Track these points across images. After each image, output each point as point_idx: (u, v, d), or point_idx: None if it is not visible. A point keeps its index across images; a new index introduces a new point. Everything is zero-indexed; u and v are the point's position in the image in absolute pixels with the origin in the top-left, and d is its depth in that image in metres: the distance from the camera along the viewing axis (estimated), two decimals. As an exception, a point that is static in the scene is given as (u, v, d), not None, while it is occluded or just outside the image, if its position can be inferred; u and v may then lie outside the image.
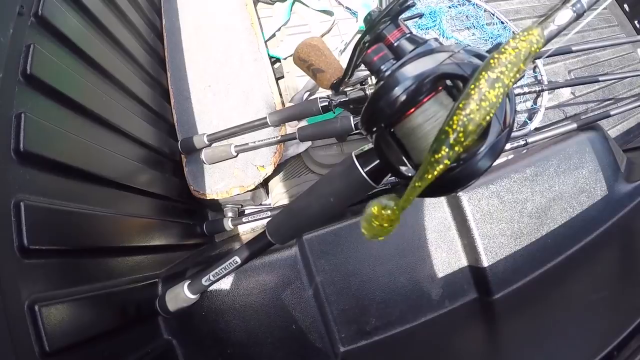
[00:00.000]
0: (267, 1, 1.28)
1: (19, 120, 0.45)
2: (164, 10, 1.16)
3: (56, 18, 0.58)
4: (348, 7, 1.27)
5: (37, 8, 0.54)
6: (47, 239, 0.45)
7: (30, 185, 0.45)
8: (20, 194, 0.43)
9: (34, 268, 0.43)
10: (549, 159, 0.77)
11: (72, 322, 0.45)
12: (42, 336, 0.40)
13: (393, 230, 0.33)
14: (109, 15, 0.80)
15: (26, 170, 0.46)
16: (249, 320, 0.66)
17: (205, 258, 0.78)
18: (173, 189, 0.89)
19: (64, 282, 0.47)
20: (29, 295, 0.41)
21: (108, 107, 0.68)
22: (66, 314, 0.45)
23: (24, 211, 0.42)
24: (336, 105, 0.85)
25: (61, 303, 0.44)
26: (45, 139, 0.49)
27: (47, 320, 0.41)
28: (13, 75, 0.47)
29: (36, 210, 0.44)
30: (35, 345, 0.39)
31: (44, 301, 0.41)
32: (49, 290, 0.44)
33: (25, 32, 0.51)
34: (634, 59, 1.63)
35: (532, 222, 0.73)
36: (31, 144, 0.46)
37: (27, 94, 0.49)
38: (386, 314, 0.68)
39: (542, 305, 0.67)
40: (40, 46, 0.52)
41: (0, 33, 0.47)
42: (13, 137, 0.44)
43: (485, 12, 1.43)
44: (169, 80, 1.05)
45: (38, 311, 0.40)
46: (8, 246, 0.40)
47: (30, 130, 0.46)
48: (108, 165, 0.64)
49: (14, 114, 0.45)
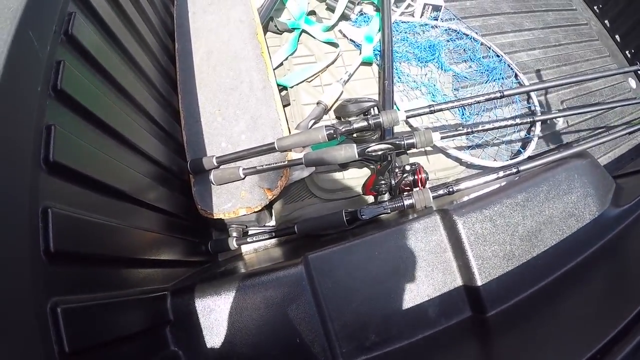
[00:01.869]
0: (276, 31, 1.35)
1: (49, 132, 0.48)
2: (176, 35, 1.21)
3: (84, 37, 0.61)
4: (352, 39, 1.34)
5: (68, 27, 0.58)
6: (70, 245, 0.47)
7: (56, 194, 0.48)
8: (48, 201, 0.45)
9: (57, 271, 0.45)
10: (539, 185, 0.82)
11: (89, 326, 0.47)
12: (63, 337, 0.41)
13: None
14: (128, 37, 0.84)
15: (54, 180, 0.48)
16: (254, 333, 0.69)
17: (213, 275, 0.81)
18: (180, 206, 0.92)
19: (83, 287, 0.49)
20: (52, 297, 0.42)
21: (126, 124, 0.72)
22: (84, 318, 0.47)
23: (51, 217, 0.44)
24: (341, 134, 0.90)
25: (80, 307, 0.46)
26: (72, 151, 0.52)
27: (67, 323, 0.42)
28: (45, 89, 0.50)
29: (62, 218, 0.46)
30: (55, 345, 0.41)
31: (65, 304, 0.43)
32: (70, 294, 0.46)
33: (57, 49, 0.55)
34: (625, 88, 1.69)
35: (524, 244, 0.77)
36: (59, 155, 0.48)
37: (56, 108, 0.52)
38: (385, 330, 0.71)
39: (533, 321, 0.69)
40: (69, 63, 0.55)
41: (40, 49, 0.50)
42: (43, 147, 0.47)
43: (482, 45, 1.51)
44: (180, 103, 1.10)
45: (60, 313, 0.42)
46: (35, 249, 0.42)
47: (58, 142, 0.49)
48: (125, 179, 0.67)
49: (44, 125, 0.48)
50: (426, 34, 1.47)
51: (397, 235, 0.75)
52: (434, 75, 1.33)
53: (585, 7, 1.96)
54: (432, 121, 1.24)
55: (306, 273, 0.72)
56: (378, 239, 0.75)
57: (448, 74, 1.36)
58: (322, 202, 1.05)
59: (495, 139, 1.29)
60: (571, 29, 1.83)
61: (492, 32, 1.64)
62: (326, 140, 0.89)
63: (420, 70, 1.35)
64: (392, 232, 0.76)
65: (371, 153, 0.87)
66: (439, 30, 1.50)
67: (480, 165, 1.20)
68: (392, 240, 0.75)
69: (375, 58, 1.30)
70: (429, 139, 0.86)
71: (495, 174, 0.89)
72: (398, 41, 1.40)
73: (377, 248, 0.74)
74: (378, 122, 0.89)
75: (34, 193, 0.44)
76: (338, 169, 1.06)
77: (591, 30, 1.87)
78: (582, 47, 1.77)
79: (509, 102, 1.39)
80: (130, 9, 0.88)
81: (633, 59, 1.77)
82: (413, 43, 1.40)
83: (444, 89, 1.31)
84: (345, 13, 1.40)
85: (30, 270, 0.41)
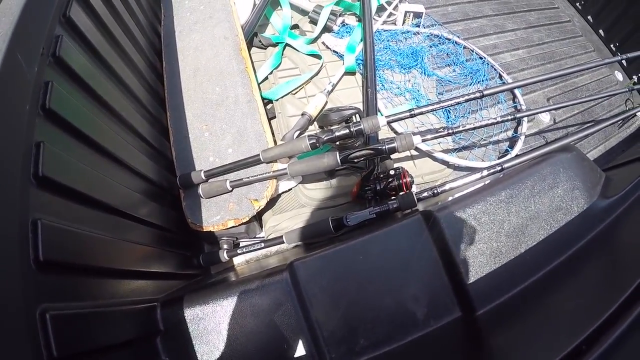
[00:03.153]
0: (260, 46, 1.38)
1: (39, 149, 0.51)
2: (164, 54, 1.25)
3: (71, 59, 0.65)
4: (335, 50, 1.36)
5: (55, 49, 0.62)
6: (59, 255, 0.50)
7: (46, 207, 0.51)
8: (38, 214, 0.48)
9: (47, 280, 0.47)
10: (524, 181, 0.81)
11: (78, 333, 0.49)
12: (51, 342, 0.43)
13: None
14: (115, 57, 0.88)
15: (43, 194, 0.51)
16: (243, 341, 0.69)
17: (202, 286, 0.81)
18: (171, 220, 0.94)
19: (72, 295, 0.52)
20: (41, 304, 0.44)
21: (115, 142, 0.75)
22: (73, 325, 0.49)
23: (40, 228, 0.47)
24: (323, 142, 0.91)
25: (69, 314, 0.48)
26: (60, 167, 0.55)
27: (56, 328, 0.44)
28: (34, 108, 0.53)
29: (51, 229, 0.49)
30: (44, 350, 0.42)
31: (54, 310, 0.45)
32: (59, 302, 0.48)
33: (45, 70, 0.58)
34: (612, 82, 1.70)
35: (510, 241, 0.77)
36: (48, 170, 0.51)
37: (45, 126, 0.55)
38: (374, 334, 0.70)
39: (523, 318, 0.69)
40: (57, 84, 0.59)
41: (28, 70, 0.54)
42: (33, 163, 0.50)
43: (465, 48, 1.53)
44: (169, 120, 1.12)
45: (49, 319, 0.44)
46: (25, 258, 0.45)
47: (47, 158, 0.52)
48: (114, 195, 0.69)
49: (34, 142, 0.51)
50: (408, 41, 1.49)
51: (382, 239, 0.76)
52: (418, 81, 1.35)
53: (567, 5, 1.98)
54: (417, 126, 1.24)
55: (291, 280, 0.72)
56: (363, 243, 0.75)
57: (432, 79, 1.37)
58: (310, 211, 1.05)
59: (482, 140, 1.29)
60: (554, 26, 1.85)
61: (475, 35, 1.66)
62: (309, 150, 0.90)
63: (404, 76, 1.36)
64: (376, 235, 0.76)
65: (354, 159, 0.88)
66: (421, 37, 1.52)
67: (467, 167, 1.20)
68: (377, 244, 0.75)
69: (358, 67, 1.31)
70: (410, 142, 0.87)
71: (479, 173, 0.89)
72: (381, 49, 1.42)
73: (362, 252, 0.74)
74: (359, 129, 0.90)
75: (24, 206, 0.47)
76: (325, 177, 1.07)
77: (574, 26, 1.89)
78: (566, 44, 1.78)
79: (494, 103, 1.40)
80: (117, 31, 0.91)
81: (618, 51, 1.78)
82: (396, 50, 1.42)
83: (428, 93, 1.32)
84: (328, 25, 1.42)
85: (20, 277, 0.43)
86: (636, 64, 1.70)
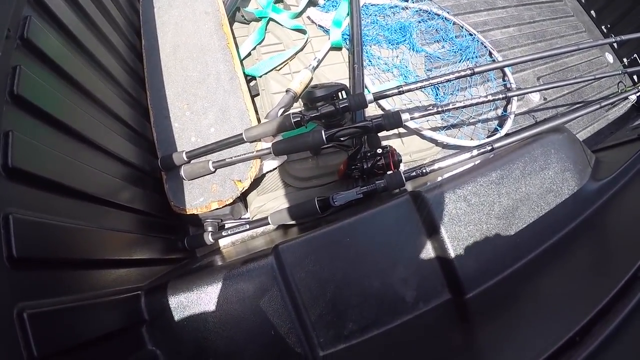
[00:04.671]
0: (243, 21, 1.32)
1: (7, 138, 0.48)
2: (143, 31, 1.19)
3: (41, 41, 0.61)
4: (320, 25, 1.31)
5: (23, 31, 0.57)
6: (34, 251, 0.48)
7: (18, 200, 0.48)
8: (9, 208, 0.45)
9: (22, 277, 0.45)
10: (514, 162, 0.80)
11: (58, 330, 0.47)
12: (31, 342, 0.41)
13: None
14: (90, 37, 0.83)
15: (14, 186, 0.48)
16: (229, 328, 0.67)
17: (187, 271, 0.79)
18: (154, 205, 0.91)
19: (50, 291, 0.49)
20: (18, 303, 0.42)
21: (91, 126, 0.71)
22: (53, 322, 0.47)
23: (12, 223, 0.44)
24: (308, 120, 0.88)
25: (48, 311, 0.46)
26: (32, 156, 0.52)
27: (35, 328, 0.42)
28: (1, 95, 0.50)
29: (24, 223, 0.46)
30: (24, 351, 0.41)
31: (32, 309, 0.43)
32: (37, 299, 0.46)
33: (12, 54, 0.54)
34: (603, 63, 1.69)
35: (501, 223, 0.76)
36: (19, 161, 0.48)
37: (14, 114, 0.51)
38: (363, 317, 0.69)
39: (513, 301, 0.68)
40: (26, 68, 0.54)
41: None
42: (1, 154, 0.47)
43: (454, 25, 1.49)
44: (149, 100, 1.08)
45: (27, 318, 0.42)
46: None
47: (17, 148, 0.48)
48: (92, 182, 0.66)
49: (1, 132, 0.48)
50: (397, 16, 1.45)
51: (369, 220, 0.74)
52: (406, 57, 1.31)
53: (559, -17, 1.95)
54: (405, 103, 1.21)
55: (277, 264, 0.70)
56: (350, 225, 0.73)
57: (420, 55, 1.34)
58: (296, 191, 1.02)
59: (472, 118, 1.27)
60: (545, 5, 1.82)
61: (465, 11, 1.62)
62: (294, 128, 0.87)
63: (392, 52, 1.32)
64: (364, 217, 0.74)
65: (340, 138, 0.85)
66: (409, 12, 1.47)
67: (456, 145, 1.18)
68: (364, 226, 0.73)
69: (345, 42, 1.27)
70: (398, 119, 0.84)
71: (469, 153, 0.87)
72: (368, 24, 1.38)
73: (349, 234, 0.72)
74: (346, 106, 0.87)
75: None
76: (311, 156, 1.04)
77: (566, 6, 1.86)
78: (557, 23, 1.76)
79: (484, 81, 1.37)
80: (91, 9, 0.86)
81: (609, 33, 1.77)
82: (383, 25, 1.38)
83: (417, 70, 1.29)
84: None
85: None
86: (627, 46, 1.68)
